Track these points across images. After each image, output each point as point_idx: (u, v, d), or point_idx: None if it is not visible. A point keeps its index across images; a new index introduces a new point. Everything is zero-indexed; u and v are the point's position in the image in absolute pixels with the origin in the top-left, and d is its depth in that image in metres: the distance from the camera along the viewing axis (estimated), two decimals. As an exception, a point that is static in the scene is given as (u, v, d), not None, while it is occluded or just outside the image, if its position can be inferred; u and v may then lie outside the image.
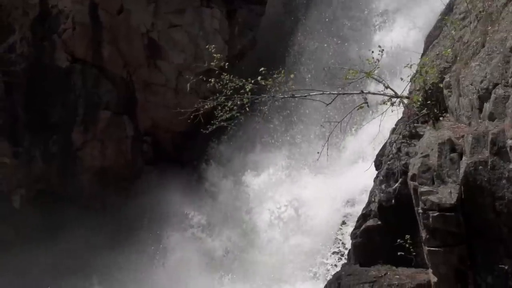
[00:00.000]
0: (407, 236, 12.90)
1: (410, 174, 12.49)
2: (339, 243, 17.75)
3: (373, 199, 14.05)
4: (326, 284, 14.37)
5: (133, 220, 22.06)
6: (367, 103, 14.19)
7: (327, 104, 14.86)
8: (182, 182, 22.47)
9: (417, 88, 14.14)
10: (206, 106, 15.35)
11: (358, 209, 15.73)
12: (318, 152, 14.87)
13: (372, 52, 14.25)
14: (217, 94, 15.12)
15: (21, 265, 21.42)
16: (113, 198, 22.55)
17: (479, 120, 12.02)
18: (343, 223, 17.97)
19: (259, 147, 22.19)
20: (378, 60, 14.11)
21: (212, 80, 15.26)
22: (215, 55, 15.47)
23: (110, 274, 21.30)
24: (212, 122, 15.36)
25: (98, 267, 21.36)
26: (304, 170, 20.90)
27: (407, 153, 13.52)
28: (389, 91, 14.22)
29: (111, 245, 21.43)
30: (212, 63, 15.73)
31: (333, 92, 14.66)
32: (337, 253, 17.60)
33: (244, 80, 14.83)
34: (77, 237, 21.59)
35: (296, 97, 15.05)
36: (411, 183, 12.35)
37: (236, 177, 22.12)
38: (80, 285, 21.20)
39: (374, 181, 14.39)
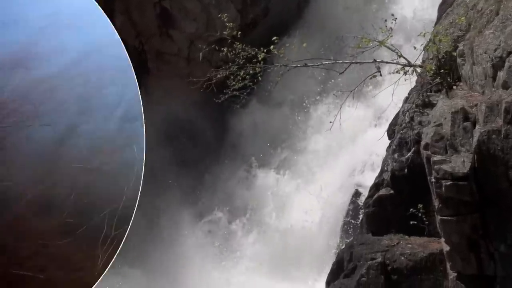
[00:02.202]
0: (420, 205, 12.90)
1: (423, 143, 12.44)
2: None
3: (385, 168, 14.03)
4: (338, 252, 14.41)
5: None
6: (380, 71, 14.14)
7: (340, 73, 14.82)
8: None
9: (430, 57, 14.06)
10: (218, 75, 15.34)
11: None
12: (330, 122, 14.83)
13: (386, 20, 14.17)
14: (230, 63, 15.10)
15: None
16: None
17: (493, 89, 11.95)
18: None
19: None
20: (391, 28, 14.04)
21: (225, 49, 15.23)
22: (227, 24, 15.42)
23: None
24: (224, 91, 15.37)
25: None
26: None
27: (420, 122, 13.47)
28: (402, 60, 14.16)
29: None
30: (224, 32, 15.69)
31: (346, 61, 14.61)
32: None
33: (256, 49, 14.80)
34: None
35: (309, 66, 15.00)
36: (424, 152, 12.31)
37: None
38: None
39: (386, 150, 14.36)
